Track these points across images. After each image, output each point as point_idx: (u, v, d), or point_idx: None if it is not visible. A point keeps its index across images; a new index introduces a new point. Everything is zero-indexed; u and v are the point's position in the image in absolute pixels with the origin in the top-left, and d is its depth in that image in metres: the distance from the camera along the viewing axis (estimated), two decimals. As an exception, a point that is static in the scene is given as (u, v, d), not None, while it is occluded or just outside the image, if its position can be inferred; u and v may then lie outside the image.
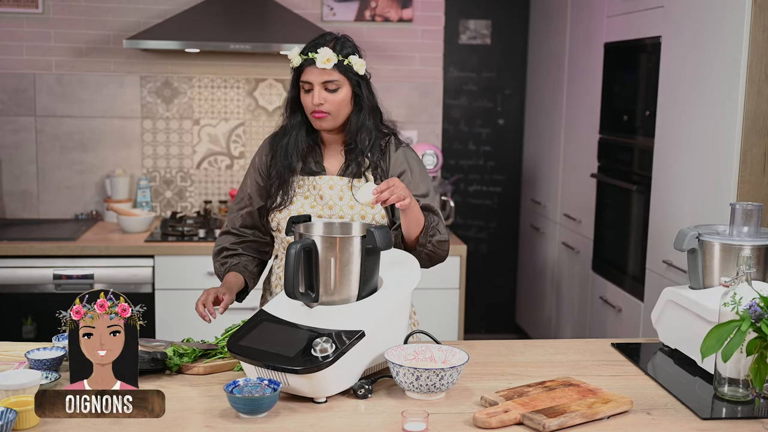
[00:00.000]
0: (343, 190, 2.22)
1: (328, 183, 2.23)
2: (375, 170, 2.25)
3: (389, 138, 2.29)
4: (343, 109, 2.19)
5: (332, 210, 2.21)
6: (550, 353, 2.17)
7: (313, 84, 2.16)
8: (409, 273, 2.00)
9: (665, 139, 3.16)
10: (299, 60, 2.18)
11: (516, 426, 1.66)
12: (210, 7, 3.90)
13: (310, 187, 2.24)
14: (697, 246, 2.13)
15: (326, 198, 2.22)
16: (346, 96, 2.18)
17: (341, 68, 2.15)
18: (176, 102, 4.23)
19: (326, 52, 2.13)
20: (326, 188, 2.23)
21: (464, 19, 4.96)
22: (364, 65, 2.20)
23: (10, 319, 3.60)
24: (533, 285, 4.86)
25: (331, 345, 1.75)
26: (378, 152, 2.25)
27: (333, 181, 2.23)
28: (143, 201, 4.19)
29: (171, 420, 1.68)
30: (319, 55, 2.13)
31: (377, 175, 2.25)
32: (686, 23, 3.00)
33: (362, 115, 2.21)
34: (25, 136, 4.16)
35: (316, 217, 2.20)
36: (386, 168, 2.26)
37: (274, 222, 2.26)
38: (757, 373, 1.69)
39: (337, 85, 2.16)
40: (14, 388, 1.67)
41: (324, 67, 2.13)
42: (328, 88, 2.16)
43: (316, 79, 2.15)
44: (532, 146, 4.91)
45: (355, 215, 2.20)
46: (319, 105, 2.16)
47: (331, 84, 2.15)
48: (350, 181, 2.23)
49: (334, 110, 2.17)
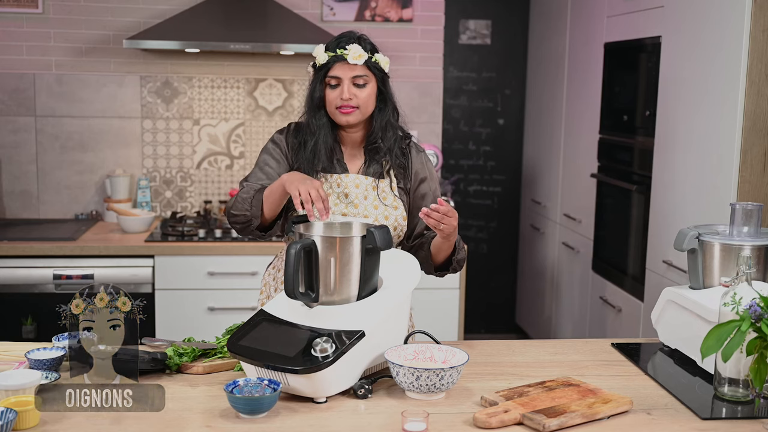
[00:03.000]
0: (368, 189, 2.23)
1: (354, 181, 2.23)
2: (398, 170, 2.26)
3: (409, 141, 2.31)
4: (369, 104, 2.21)
5: (357, 209, 2.21)
6: (550, 353, 2.17)
7: (342, 79, 2.18)
8: (409, 273, 2.00)
9: (665, 139, 3.16)
10: (326, 57, 2.19)
11: (516, 426, 1.66)
12: (210, 7, 3.90)
13: (334, 184, 2.23)
14: (697, 246, 2.13)
15: (351, 196, 2.22)
16: (372, 92, 2.21)
17: (369, 64, 2.20)
18: (176, 102, 4.23)
19: (357, 49, 2.17)
20: (352, 186, 2.22)
21: (464, 19, 4.96)
22: (389, 62, 2.26)
23: (10, 319, 3.60)
24: (533, 285, 4.86)
25: (331, 345, 1.75)
26: (400, 154, 2.26)
27: (359, 180, 2.23)
28: (143, 201, 4.19)
29: (171, 420, 1.68)
30: (351, 51, 2.17)
31: (400, 175, 2.26)
32: (686, 23, 3.00)
33: (386, 113, 2.24)
34: (25, 136, 4.16)
35: (340, 215, 2.18)
36: (409, 171, 2.28)
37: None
38: (757, 373, 1.69)
39: (365, 81, 2.19)
40: (14, 388, 1.68)
41: (355, 63, 2.16)
42: (357, 83, 2.18)
43: (346, 74, 2.17)
44: (532, 146, 4.91)
45: (379, 215, 2.21)
46: (348, 99, 2.17)
47: (360, 79, 2.18)
48: (375, 181, 2.23)
49: (362, 105, 2.19)
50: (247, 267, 3.58)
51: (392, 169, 2.25)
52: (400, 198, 2.26)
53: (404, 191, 2.28)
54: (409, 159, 2.29)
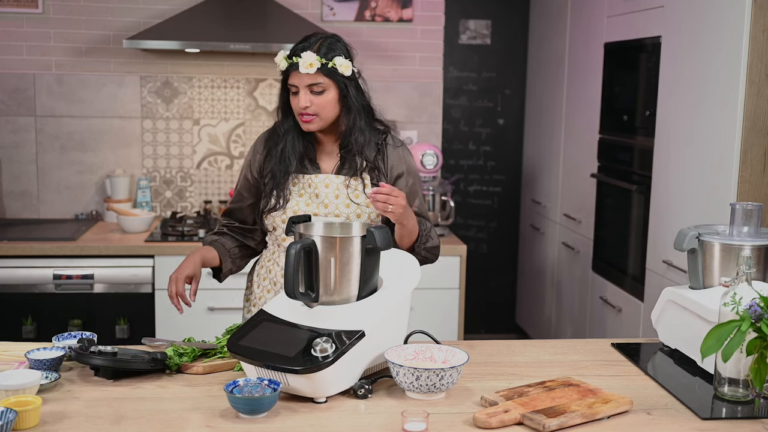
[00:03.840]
0: (339, 188, 2.24)
1: (323, 181, 2.24)
2: (372, 171, 2.26)
3: (385, 136, 2.29)
4: (330, 111, 2.20)
5: (327, 208, 2.23)
6: (550, 353, 2.17)
7: (298, 87, 2.17)
8: (409, 273, 2.00)
9: (665, 139, 3.16)
10: (285, 64, 2.20)
11: (516, 426, 1.66)
12: (210, 7, 3.90)
13: (305, 185, 2.25)
14: (697, 246, 2.13)
15: (321, 196, 2.23)
16: (332, 98, 2.19)
17: (325, 71, 2.16)
18: (176, 102, 4.23)
19: (309, 57, 2.13)
20: (322, 186, 2.24)
21: (464, 19, 4.96)
22: (350, 66, 2.19)
23: (10, 319, 3.60)
24: (533, 285, 4.86)
25: (331, 345, 1.75)
26: (374, 151, 2.26)
27: (329, 180, 2.25)
28: (143, 201, 4.19)
29: (171, 420, 1.68)
30: (302, 59, 2.14)
31: (374, 176, 2.26)
32: (686, 23, 3.00)
33: (352, 116, 2.22)
34: (25, 136, 4.16)
35: (312, 215, 2.21)
36: (384, 168, 2.27)
37: (268, 222, 2.28)
38: (757, 373, 1.69)
39: (322, 88, 2.17)
40: (14, 388, 1.68)
41: (307, 72, 2.14)
42: (314, 90, 2.17)
43: (301, 82, 2.16)
44: (532, 146, 4.91)
45: (351, 214, 2.22)
46: (305, 108, 2.17)
47: (317, 87, 2.16)
48: (346, 179, 2.24)
49: (321, 112, 2.18)
50: (247, 267, 3.58)
51: (365, 170, 2.25)
52: None
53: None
54: (385, 156, 2.27)
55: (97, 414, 1.70)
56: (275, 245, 2.32)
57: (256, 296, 2.38)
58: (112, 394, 1.82)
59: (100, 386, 1.86)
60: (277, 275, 2.31)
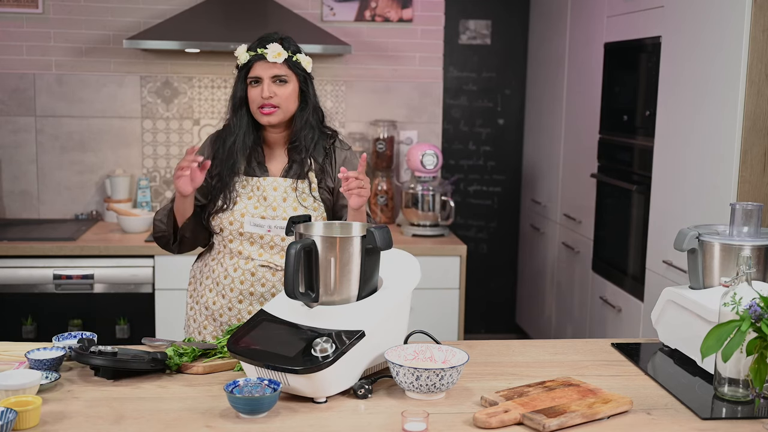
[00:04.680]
0: (287, 191, 2.27)
1: (272, 184, 2.27)
2: (319, 172, 2.29)
3: (333, 141, 2.33)
4: (291, 103, 2.24)
5: (276, 211, 2.25)
6: (550, 353, 2.17)
7: (262, 78, 2.21)
8: (409, 273, 2.00)
9: (665, 139, 3.16)
10: (247, 56, 2.23)
11: (516, 426, 1.67)
12: (210, 7, 3.90)
13: (254, 187, 2.27)
14: (697, 246, 2.13)
15: (270, 199, 2.26)
16: (293, 91, 2.25)
17: (290, 63, 2.23)
18: (176, 102, 4.23)
19: (276, 47, 2.21)
20: (270, 189, 2.26)
21: (464, 19, 4.96)
22: (311, 63, 2.28)
23: (10, 319, 3.60)
24: (533, 285, 4.86)
25: (331, 345, 1.75)
26: (322, 153, 2.30)
27: (277, 183, 2.27)
28: (143, 201, 4.19)
29: (171, 420, 1.68)
30: (270, 49, 2.20)
31: (321, 177, 2.29)
32: (686, 23, 3.00)
33: (307, 112, 2.27)
34: (25, 136, 4.16)
35: (259, 218, 2.24)
36: (332, 171, 2.31)
37: (215, 223, 2.29)
38: (757, 373, 1.69)
39: (286, 79, 2.23)
40: (14, 388, 1.68)
41: (275, 61, 2.20)
42: (277, 82, 2.22)
43: (266, 73, 2.21)
44: (532, 146, 4.91)
45: None
46: (268, 98, 2.20)
47: (280, 78, 2.22)
48: (294, 182, 2.27)
49: (282, 104, 2.22)
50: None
51: (311, 170, 2.28)
52: (321, 198, 2.29)
53: (327, 191, 2.31)
54: (332, 158, 2.31)
55: (97, 414, 1.70)
56: (221, 245, 2.33)
57: (199, 293, 2.40)
58: (112, 394, 1.82)
59: (100, 386, 1.86)
60: (219, 276, 2.32)
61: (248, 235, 2.27)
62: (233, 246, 2.29)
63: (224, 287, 2.31)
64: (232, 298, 2.30)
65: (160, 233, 2.33)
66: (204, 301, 2.36)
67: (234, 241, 2.29)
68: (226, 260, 2.31)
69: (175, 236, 2.32)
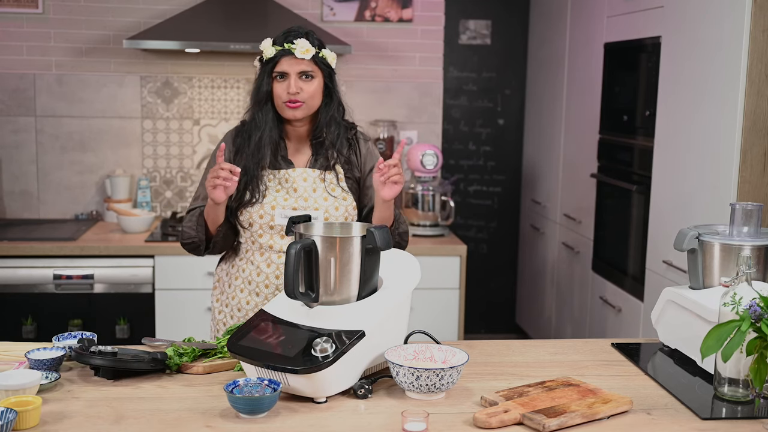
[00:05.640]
0: (315, 182, 2.27)
1: (301, 175, 2.27)
2: (345, 164, 2.30)
3: (354, 132, 2.35)
4: (316, 99, 2.24)
5: (307, 202, 2.25)
6: (550, 353, 2.17)
7: (289, 74, 2.21)
8: (409, 273, 2.00)
9: (665, 139, 3.16)
10: (273, 51, 2.22)
11: (516, 426, 1.66)
12: (210, 7, 3.90)
13: (282, 180, 2.27)
14: (697, 246, 2.13)
15: (300, 190, 2.26)
16: (319, 86, 2.24)
17: (316, 59, 2.22)
18: (176, 102, 4.23)
19: (304, 43, 2.20)
20: (300, 180, 2.27)
21: (464, 19, 4.96)
22: (335, 58, 2.28)
23: (10, 319, 3.60)
24: (533, 285, 4.86)
25: (331, 345, 1.75)
26: (346, 146, 2.31)
27: (306, 174, 2.28)
28: (143, 201, 4.19)
29: (171, 420, 1.68)
30: (298, 45, 2.19)
31: (347, 169, 2.30)
32: (686, 23, 3.00)
33: (332, 108, 2.28)
34: (25, 136, 4.16)
35: (291, 210, 2.23)
36: (358, 161, 2.32)
37: (244, 218, 2.27)
38: (757, 373, 1.69)
39: (312, 75, 2.22)
40: (14, 388, 1.68)
41: (303, 57, 2.19)
42: (304, 77, 2.21)
43: (293, 68, 2.21)
44: (532, 146, 4.91)
45: (329, 207, 2.26)
46: (295, 93, 2.20)
47: (307, 74, 2.21)
48: (321, 173, 2.28)
49: (308, 99, 2.22)
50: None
51: (338, 163, 2.29)
52: (350, 188, 2.30)
53: (354, 181, 2.32)
54: (357, 149, 2.33)
55: (97, 414, 1.70)
56: (249, 243, 2.31)
57: (228, 296, 2.37)
58: (112, 394, 1.82)
59: (100, 386, 1.86)
60: (251, 274, 2.31)
61: (279, 227, 2.26)
62: (263, 241, 2.28)
63: (257, 285, 2.30)
64: (267, 295, 2.29)
65: (190, 240, 2.29)
66: (235, 303, 2.34)
67: (264, 235, 2.27)
68: (256, 257, 2.30)
69: (207, 243, 2.29)
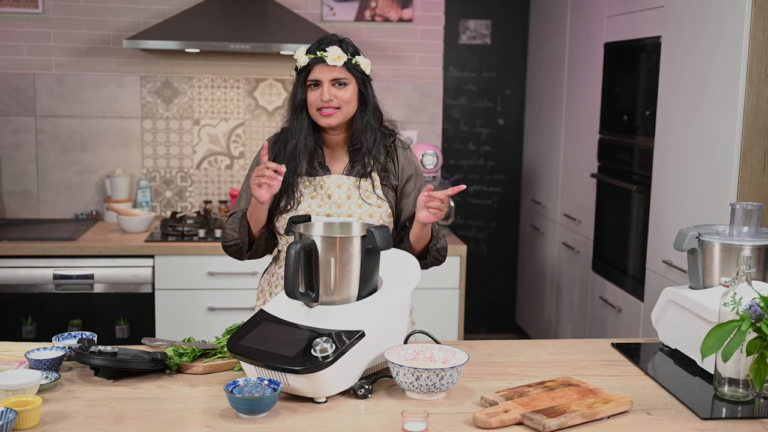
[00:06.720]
0: (350, 189, 2.25)
1: (336, 182, 2.26)
2: (382, 172, 2.28)
3: (393, 139, 2.33)
4: (350, 106, 2.23)
5: (341, 209, 2.24)
6: (550, 353, 2.17)
7: (322, 81, 2.20)
8: (409, 273, 2.00)
9: (665, 139, 3.16)
10: (306, 59, 2.21)
11: (516, 426, 1.67)
12: (210, 7, 3.90)
13: (317, 187, 2.26)
14: (697, 246, 2.13)
15: (334, 197, 2.24)
16: (353, 93, 2.23)
17: (349, 66, 2.21)
18: (176, 102, 4.23)
19: (336, 50, 2.19)
20: (334, 187, 2.25)
21: (464, 19, 4.96)
22: (370, 65, 2.27)
23: (10, 319, 3.60)
24: (533, 285, 4.86)
25: (331, 345, 1.75)
26: (383, 153, 2.29)
27: (341, 180, 2.26)
28: (143, 201, 4.19)
29: (171, 420, 1.68)
30: (330, 52, 2.18)
31: (383, 176, 2.28)
32: (686, 23, 3.00)
33: (367, 115, 2.26)
34: (25, 136, 4.16)
35: (324, 216, 2.22)
36: (395, 170, 2.30)
37: (280, 224, 2.27)
38: (757, 373, 1.69)
39: (345, 82, 2.21)
40: (14, 388, 1.68)
41: (335, 65, 2.18)
42: (337, 84, 2.20)
43: (326, 76, 2.19)
44: (532, 146, 4.91)
45: (363, 214, 2.24)
46: (328, 101, 2.19)
47: (340, 81, 2.20)
48: (357, 180, 2.26)
49: (342, 106, 2.21)
50: (247, 267, 3.58)
51: (374, 170, 2.28)
52: (386, 196, 2.28)
53: (391, 188, 2.31)
54: (395, 157, 2.31)
55: (97, 414, 1.70)
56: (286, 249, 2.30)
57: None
58: (112, 394, 1.82)
59: (100, 386, 1.86)
60: None
61: None
62: None
63: None
64: None
65: (233, 242, 2.28)
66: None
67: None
68: None
69: (250, 245, 2.29)
